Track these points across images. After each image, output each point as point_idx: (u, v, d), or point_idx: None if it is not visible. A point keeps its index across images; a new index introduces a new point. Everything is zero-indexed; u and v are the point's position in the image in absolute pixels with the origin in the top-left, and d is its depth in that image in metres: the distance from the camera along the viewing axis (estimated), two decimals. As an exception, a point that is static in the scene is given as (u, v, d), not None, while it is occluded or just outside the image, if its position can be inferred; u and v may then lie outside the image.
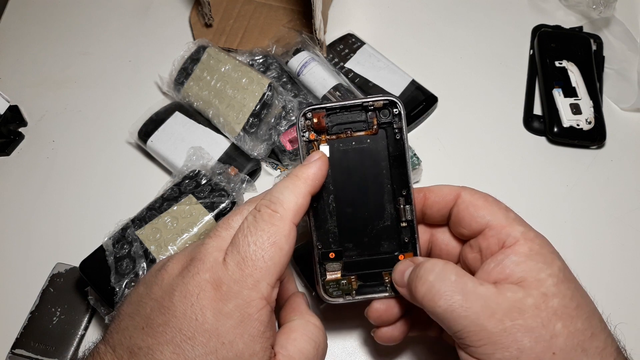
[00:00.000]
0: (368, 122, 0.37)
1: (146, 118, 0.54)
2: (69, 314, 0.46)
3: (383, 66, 0.58)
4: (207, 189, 0.46)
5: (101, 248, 0.44)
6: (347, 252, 0.38)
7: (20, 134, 0.58)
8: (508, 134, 0.57)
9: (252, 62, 0.57)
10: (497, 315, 0.30)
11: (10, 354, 0.45)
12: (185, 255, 0.32)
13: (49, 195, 0.54)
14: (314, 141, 0.37)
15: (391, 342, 0.38)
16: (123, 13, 0.67)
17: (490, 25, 0.64)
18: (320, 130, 0.37)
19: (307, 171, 0.34)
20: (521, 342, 0.29)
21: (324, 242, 0.38)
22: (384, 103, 0.37)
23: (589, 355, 0.29)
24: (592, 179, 0.54)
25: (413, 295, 0.33)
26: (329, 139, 0.37)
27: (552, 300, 0.30)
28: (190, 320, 0.29)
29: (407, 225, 0.37)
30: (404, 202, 0.37)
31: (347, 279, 0.38)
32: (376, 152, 0.38)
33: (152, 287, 0.31)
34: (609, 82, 0.59)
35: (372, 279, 0.38)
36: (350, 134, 0.37)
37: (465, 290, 0.31)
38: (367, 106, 0.37)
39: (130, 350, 0.29)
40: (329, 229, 0.38)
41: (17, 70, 0.63)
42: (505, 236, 0.33)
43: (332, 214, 0.38)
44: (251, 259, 0.30)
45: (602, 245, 0.50)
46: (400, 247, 0.38)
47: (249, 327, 0.29)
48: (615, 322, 0.32)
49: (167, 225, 0.44)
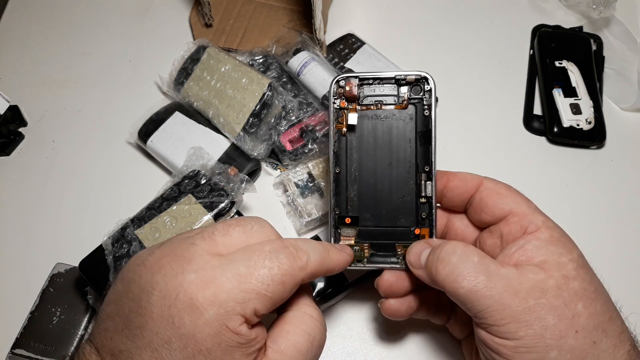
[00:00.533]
0: (399, 96, 0.38)
1: (146, 118, 0.54)
2: (69, 314, 0.46)
3: (383, 66, 0.58)
4: (206, 189, 0.46)
5: (101, 247, 0.44)
6: (363, 221, 0.38)
7: (20, 134, 0.58)
8: (508, 134, 0.57)
9: (252, 62, 0.57)
10: (520, 294, 0.30)
11: (10, 354, 0.45)
12: (169, 249, 0.30)
13: (49, 195, 0.54)
14: (344, 109, 0.38)
15: (396, 316, 0.39)
16: (123, 13, 0.67)
17: (490, 25, 0.64)
18: (352, 99, 0.38)
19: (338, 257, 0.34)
20: (545, 319, 0.30)
21: (341, 208, 0.38)
22: (417, 78, 0.37)
23: (608, 337, 0.30)
24: (592, 179, 0.54)
25: (433, 277, 0.33)
26: (359, 109, 0.38)
27: (573, 283, 0.31)
28: (167, 323, 0.27)
29: (427, 201, 0.38)
30: (425, 178, 0.38)
31: (360, 245, 0.38)
32: (403, 126, 0.38)
33: (130, 284, 0.30)
34: (609, 82, 0.59)
35: (385, 249, 0.38)
36: (380, 107, 0.38)
37: (488, 271, 0.31)
38: (399, 80, 0.38)
39: (112, 353, 0.29)
40: (349, 196, 0.38)
41: (17, 70, 0.63)
42: (528, 223, 0.34)
43: (354, 182, 0.38)
44: (255, 279, 0.29)
45: (602, 245, 0.50)
46: (417, 223, 0.38)
47: (227, 338, 0.28)
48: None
49: (167, 225, 0.44)
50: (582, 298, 0.31)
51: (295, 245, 0.31)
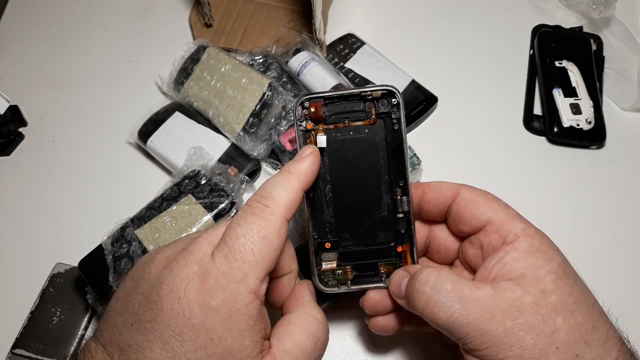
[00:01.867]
0: (366, 111, 0.37)
1: (146, 118, 0.54)
2: (68, 314, 0.46)
3: (383, 66, 0.58)
4: (206, 189, 0.46)
5: (100, 247, 0.44)
6: (343, 242, 0.38)
7: (20, 134, 0.58)
8: (508, 134, 0.57)
9: (252, 62, 0.57)
10: (497, 317, 0.30)
11: (10, 354, 0.45)
12: (176, 248, 0.32)
13: (49, 195, 0.54)
14: (311, 130, 0.37)
15: (385, 332, 0.38)
16: (123, 13, 0.67)
17: (490, 25, 0.64)
18: (318, 120, 0.37)
19: (300, 166, 0.33)
20: (523, 340, 0.29)
21: (320, 232, 0.38)
22: (383, 93, 0.36)
23: (591, 347, 0.30)
24: (592, 179, 0.54)
25: (412, 308, 0.33)
26: (326, 128, 0.37)
27: (551, 297, 0.30)
28: (177, 315, 0.28)
29: (404, 216, 0.37)
30: (401, 192, 0.37)
31: (343, 268, 0.38)
32: (374, 142, 0.37)
33: (139, 281, 0.31)
34: (609, 82, 0.59)
35: (367, 269, 0.38)
36: (348, 124, 0.37)
37: (462, 297, 0.31)
38: (365, 96, 0.37)
39: (121, 348, 0.29)
40: (326, 219, 0.38)
41: (17, 70, 0.63)
42: (507, 232, 0.33)
43: (329, 204, 0.38)
44: (240, 251, 0.29)
45: (602, 245, 0.50)
46: (396, 238, 0.38)
47: (237, 321, 0.29)
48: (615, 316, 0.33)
49: (166, 225, 0.44)
50: (561, 311, 0.30)
51: (257, 196, 0.31)
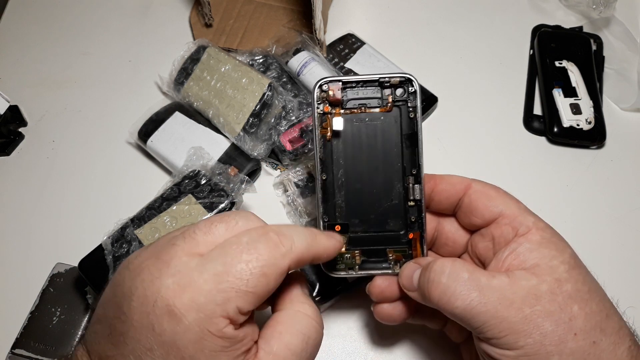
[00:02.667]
0: (383, 98, 0.37)
1: (146, 118, 0.54)
2: (69, 314, 0.46)
3: (383, 66, 0.58)
4: (206, 189, 0.46)
5: (100, 247, 0.44)
6: (353, 227, 0.38)
7: (20, 134, 0.58)
8: (508, 134, 0.57)
9: (252, 62, 0.57)
10: (515, 304, 0.30)
11: (10, 354, 0.45)
12: (151, 254, 0.29)
13: (49, 195, 0.54)
14: (327, 114, 0.37)
15: (390, 320, 0.38)
16: (123, 13, 0.67)
17: (490, 25, 0.64)
18: (335, 103, 0.37)
19: (326, 242, 0.32)
20: (542, 326, 0.30)
21: (330, 216, 0.38)
22: (400, 80, 0.37)
23: (607, 335, 0.30)
24: (592, 179, 0.54)
25: (427, 300, 0.33)
26: (343, 112, 0.37)
27: (566, 285, 0.31)
28: (147, 330, 0.27)
29: (415, 204, 0.37)
30: (413, 181, 0.37)
31: (351, 253, 0.38)
32: (389, 129, 0.38)
33: (116, 288, 0.29)
34: (609, 82, 0.59)
35: (376, 255, 0.38)
36: (365, 110, 0.37)
37: (479, 285, 0.31)
38: (383, 82, 0.37)
39: (100, 358, 0.28)
40: (337, 203, 0.38)
41: (17, 70, 0.63)
42: (519, 225, 0.34)
43: (341, 189, 0.38)
44: (233, 276, 0.27)
45: (602, 245, 0.50)
46: (406, 226, 0.38)
47: (210, 343, 0.27)
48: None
49: (166, 225, 0.44)
50: (577, 300, 0.30)
51: (278, 230, 0.29)
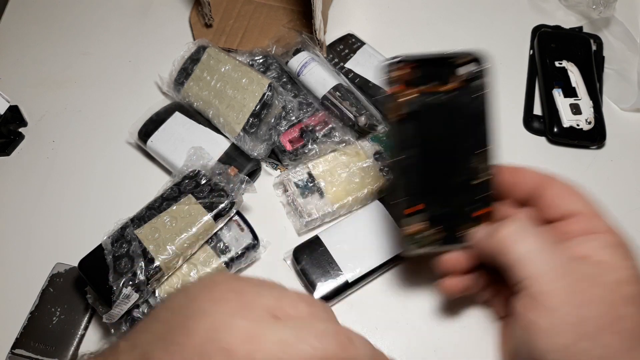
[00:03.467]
0: (453, 77, 0.38)
1: (146, 118, 0.54)
2: (68, 314, 0.46)
3: (383, 66, 0.58)
4: (206, 189, 0.46)
5: (100, 247, 0.44)
6: (430, 205, 0.39)
7: (20, 134, 0.58)
8: (508, 134, 0.56)
9: (252, 62, 0.57)
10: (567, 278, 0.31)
11: (10, 354, 0.45)
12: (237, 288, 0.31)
13: (49, 195, 0.54)
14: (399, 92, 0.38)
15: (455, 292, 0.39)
16: (123, 13, 0.67)
17: (490, 25, 0.64)
18: (409, 82, 0.38)
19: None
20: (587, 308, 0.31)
21: (409, 195, 0.39)
22: (471, 59, 0.38)
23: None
24: (592, 179, 0.54)
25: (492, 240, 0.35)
26: (415, 90, 0.38)
27: (625, 288, 0.31)
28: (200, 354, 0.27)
29: (486, 181, 0.38)
30: (484, 159, 0.38)
31: (431, 230, 0.39)
32: (459, 108, 0.38)
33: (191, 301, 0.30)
34: (609, 82, 0.59)
35: (450, 230, 0.39)
36: (435, 89, 0.38)
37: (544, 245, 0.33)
38: (453, 61, 0.38)
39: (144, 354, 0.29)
40: (414, 182, 0.39)
41: (17, 70, 0.63)
42: (594, 225, 0.35)
43: (418, 167, 0.39)
44: (297, 353, 0.28)
45: (602, 245, 0.50)
46: (478, 202, 0.39)
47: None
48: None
49: (166, 225, 0.44)
50: (632, 304, 0.31)
51: (349, 336, 0.30)
